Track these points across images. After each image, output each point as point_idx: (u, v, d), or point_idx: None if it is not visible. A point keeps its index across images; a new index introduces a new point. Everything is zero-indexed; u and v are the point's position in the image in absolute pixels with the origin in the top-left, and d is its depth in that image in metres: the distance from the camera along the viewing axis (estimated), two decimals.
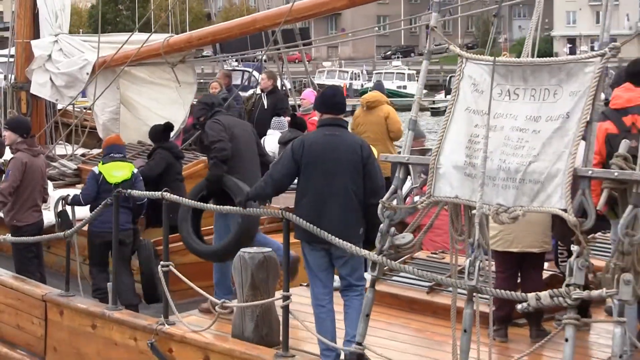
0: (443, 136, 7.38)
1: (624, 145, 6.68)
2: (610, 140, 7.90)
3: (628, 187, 6.48)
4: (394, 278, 10.20)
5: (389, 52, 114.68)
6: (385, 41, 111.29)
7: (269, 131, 15.46)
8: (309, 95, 15.60)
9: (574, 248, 6.64)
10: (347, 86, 74.60)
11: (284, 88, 18.12)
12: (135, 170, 11.89)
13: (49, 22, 15.96)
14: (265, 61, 19.33)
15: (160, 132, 13.02)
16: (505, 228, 8.80)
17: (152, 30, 16.46)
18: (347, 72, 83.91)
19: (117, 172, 11.52)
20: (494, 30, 8.11)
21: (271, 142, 14.66)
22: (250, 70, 21.17)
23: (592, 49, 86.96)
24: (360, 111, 15.52)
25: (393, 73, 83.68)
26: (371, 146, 9.31)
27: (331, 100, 9.07)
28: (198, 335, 8.89)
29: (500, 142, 6.98)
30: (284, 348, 8.28)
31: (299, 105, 17.01)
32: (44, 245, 12.16)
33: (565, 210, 6.57)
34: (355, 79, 77.70)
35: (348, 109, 12.24)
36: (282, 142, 13.17)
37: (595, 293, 6.56)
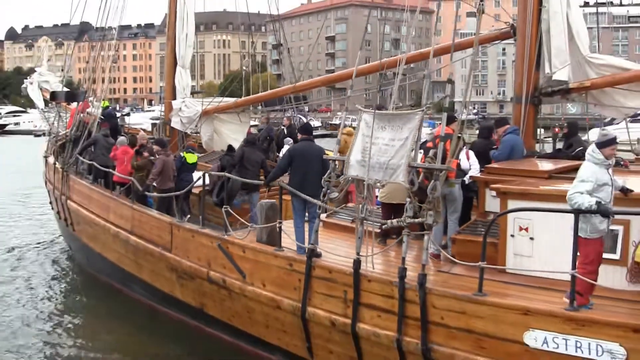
0: (351, 148, 7.71)
1: (432, 152, 7.19)
2: (426, 150, 8.02)
3: (433, 172, 6.95)
4: (337, 216, 10.24)
5: (371, 108, 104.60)
6: (370, 102, 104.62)
7: (285, 146, 14.95)
8: None
9: (408, 200, 7.06)
10: (352, 124, 71.84)
11: (295, 124, 17.31)
12: (198, 156, 12.43)
13: (180, 92, 15.32)
14: (309, 110, 18.65)
15: (227, 149, 13.02)
16: (389, 191, 8.86)
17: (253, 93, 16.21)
18: (350, 117, 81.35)
19: (191, 157, 11.86)
20: (393, 95, 8.25)
21: (285, 150, 14.89)
22: (301, 116, 20.63)
23: (474, 108, 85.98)
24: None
25: None
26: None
27: (308, 129, 9.42)
28: (240, 240, 8.91)
29: (377, 150, 7.34)
30: (279, 246, 8.48)
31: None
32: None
33: (404, 182, 7.05)
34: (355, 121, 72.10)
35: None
36: None
37: (416, 220, 6.99)
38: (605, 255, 6.60)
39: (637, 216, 6.43)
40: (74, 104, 17.34)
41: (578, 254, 6.00)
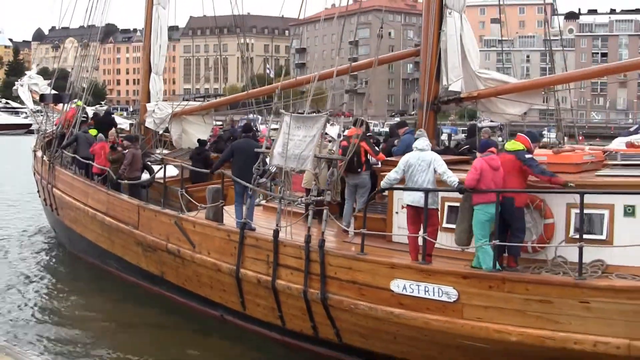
0: (274, 142, 9.05)
1: (334, 147, 8.82)
2: (344, 148, 9.03)
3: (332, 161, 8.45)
4: (275, 201, 10.69)
5: (394, 114, 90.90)
6: (391, 107, 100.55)
7: None
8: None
9: (314, 182, 8.58)
10: (372, 129, 66.22)
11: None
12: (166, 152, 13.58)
13: (154, 96, 16.05)
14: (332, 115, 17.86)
15: (199, 143, 14.32)
16: (309, 179, 9.88)
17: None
18: (371, 122, 75.27)
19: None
20: (307, 103, 8.85)
21: None
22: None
23: None
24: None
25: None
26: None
27: (248, 128, 11.01)
28: (192, 218, 10.01)
29: (293, 144, 8.74)
30: (221, 221, 9.66)
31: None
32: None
33: (310, 169, 8.54)
34: (376, 127, 61.43)
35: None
36: None
37: (318, 199, 8.39)
38: None
39: None
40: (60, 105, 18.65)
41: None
